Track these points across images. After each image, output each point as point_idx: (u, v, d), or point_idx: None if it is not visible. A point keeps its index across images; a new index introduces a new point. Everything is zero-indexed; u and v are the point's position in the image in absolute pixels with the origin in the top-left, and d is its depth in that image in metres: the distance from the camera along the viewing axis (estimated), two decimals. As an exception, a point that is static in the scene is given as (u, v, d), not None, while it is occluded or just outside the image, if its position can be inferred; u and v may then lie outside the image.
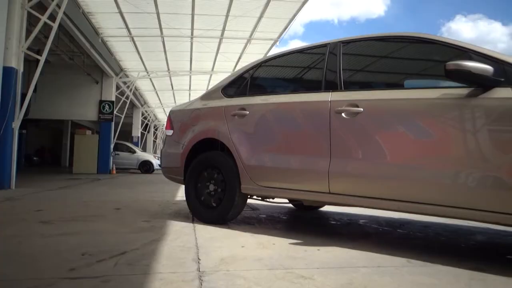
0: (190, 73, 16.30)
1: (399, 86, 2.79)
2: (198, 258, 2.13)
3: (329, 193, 2.62)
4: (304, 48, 3.33)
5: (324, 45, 2.99)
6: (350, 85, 2.78)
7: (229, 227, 3.09)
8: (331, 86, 2.76)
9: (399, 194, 2.34)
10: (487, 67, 2.08)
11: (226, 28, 11.57)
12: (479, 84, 2.12)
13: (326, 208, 4.47)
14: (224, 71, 14.58)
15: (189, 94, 20.68)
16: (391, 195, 2.37)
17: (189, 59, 14.59)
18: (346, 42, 2.89)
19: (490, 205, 2.03)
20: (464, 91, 2.18)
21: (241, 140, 3.16)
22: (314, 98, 2.82)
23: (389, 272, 1.93)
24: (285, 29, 11.76)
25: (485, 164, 2.06)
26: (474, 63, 2.09)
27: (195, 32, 11.92)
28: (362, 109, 2.52)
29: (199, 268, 1.94)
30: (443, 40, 2.43)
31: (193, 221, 3.33)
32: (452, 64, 2.11)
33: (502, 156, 2.01)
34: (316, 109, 2.76)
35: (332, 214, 4.17)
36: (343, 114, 2.59)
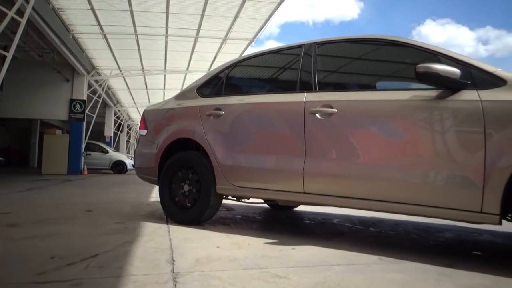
0: (165, 72, 16.09)
1: (371, 87, 2.86)
2: (173, 259, 2.10)
3: (304, 193, 2.65)
4: (279, 49, 3.35)
5: (299, 46, 3.02)
6: (325, 86, 2.82)
7: (204, 228, 3.07)
8: (306, 87, 2.79)
9: (372, 193, 2.39)
10: (455, 70, 2.16)
11: (202, 28, 11.49)
12: (447, 86, 2.20)
13: (301, 208, 4.52)
14: (200, 70, 14.48)
15: (164, 94, 20.40)
16: (364, 194, 2.42)
17: (164, 58, 14.40)
18: (320, 44, 2.93)
19: (457, 203, 2.10)
20: (434, 93, 2.25)
21: (216, 140, 3.14)
22: (289, 98, 2.84)
23: (362, 270, 1.97)
24: (260, 29, 11.80)
25: (452, 163, 2.14)
26: (443, 66, 2.16)
27: (170, 31, 11.78)
28: (336, 110, 2.56)
29: (173, 270, 1.91)
30: (414, 43, 2.51)
31: (167, 222, 3.29)
32: (422, 66, 2.17)
33: (468, 155, 2.09)
34: (291, 110, 2.78)
35: (306, 214, 4.21)
36: (317, 115, 2.62)
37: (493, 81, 2.12)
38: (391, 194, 2.33)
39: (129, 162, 16.59)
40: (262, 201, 3.80)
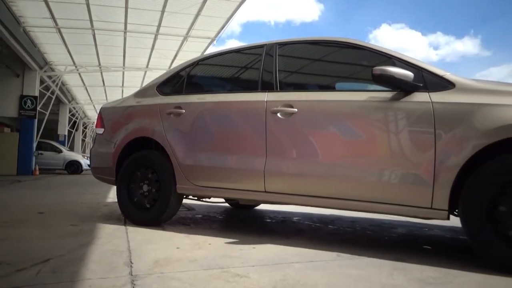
0: (123, 69, 15.61)
1: (331, 88, 2.94)
2: (131, 262, 2.04)
3: (265, 191, 2.67)
4: (241, 48, 3.35)
5: (261, 46, 3.04)
6: (286, 86, 2.86)
7: (163, 229, 3.02)
8: (267, 87, 2.82)
9: (331, 191, 2.46)
10: (408, 73, 2.26)
11: (162, 24, 11.26)
12: (401, 88, 2.30)
13: (262, 207, 4.55)
14: (160, 68, 14.20)
15: (122, 91, 19.79)
16: (323, 192, 2.48)
17: (122, 55, 13.97)
18: (282, 44, 2.97)
19: (410, 200, 2.21)
20: (389, 94, 2.35)
21: (176, 139, 3.09)
22: (251, 98, 2.85)
23: (321, 266, 2.01)
24: (222, 28, 11.75)
25: (406, 162, 2.24)
26: (397, 69, 2.26)
27: (129, 27, 11.44)
28: (296, 110, 2.60)
29: (131, 272, 1.86)
30: (371, 46, 2.60)
31: (125, 224, 3.20)
32: (378, 69, 2.26)
33: (420, 155, 2.20)
34: (253, 109, 2.79)
35: (267, 212, 4.25)
36: (278, 114, 2.65)
37: (443, 84, 2.25)
38: (349, 192, 2.40)
39: (84, 162, 15.96)
40: (223, 200, 3.79)
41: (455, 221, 2.26)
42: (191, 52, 12.66)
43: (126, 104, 3.63)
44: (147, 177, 3.19)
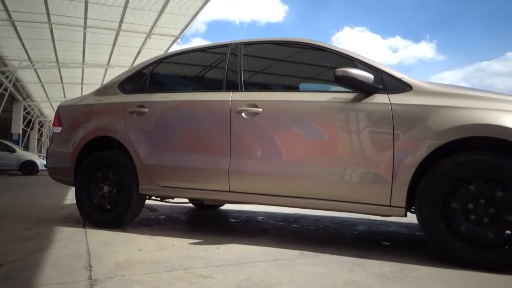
0: (83, 65, 15.06)
1: (295, 88, 2.98)
2: (90, 265, 1.97)
3: (229, 191, 2.66)
4: (206, 47, 3.32)
5: (225, 45, 3.03)
6: (250, 86, 2.87)
7: (125, 231, 2.94)
8: (232, 86, 2.81)
9: (295, 190, 2.49)
10: (369, 75, 2.34)
11: (124, 21, 10.98)
12: (362, 90, 2.37)
13: (226, 207, 4.54)
14: (122, 65, 13.82)
15: (82, 89, 19.10)
16: (287, 192, 2.51)
17: (82, 51, 13.48)
18: (247, 44, 2.97)
19: (370, 198, 2.29)
20: (350, 95, 2.41)
21: (139, 138, 3.02)
22: (215, 97, 2.83)
23: (284, 265, 2.04)
24: (187, 26, 11.62)
25: (366, 161, 2.31)
26: (358, 71, 2.33)
27: (89, 22, 11.06)
28: (261, 110, 2.61)
29: (90, 276, 1.80)
30: (334, 48, 2.66)
31: (84, 226, 3.08)
32: (340, 70, 2.32)
33: (380, 154, 2.28)
34: (217, 109, 2.78)
35: (232, 212, 4.24)
36: (243, 114, 2.65)
37: (401, 86, 2.34)
38: (312, 191, 2.45)
39: (40, 162, 15.21)
40: (187, 200, 3.75)
41: (411, 218, 2.36)
42: (155, 50, 12.43)
43: (86, 102, 3.50)
44: (108, 177, 3.10)
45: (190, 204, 4.27)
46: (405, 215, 2.24)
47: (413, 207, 2.26)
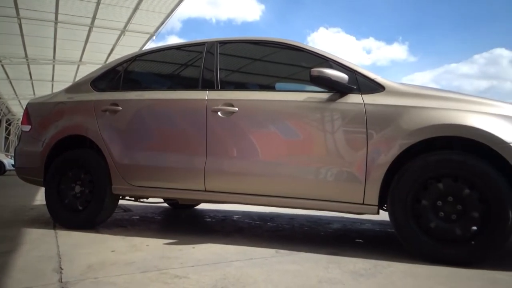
0: (54, 62, 14.60)
1: (271, 88, 2.99)
2: (61, 268, 1.92)
3: (205, 191, 2.65)
4: (181, 45, 3.29)
5: (201, 44, 3.01)
6: (226, 85, 2.86)
7: (98, 232, 2.87)
8: (208, 85, 2.80)
9: (270, 189, 2.51)
10: (343, 76, 2.37)
11: (98, 17, 10.71)
12: (337, 90, 2.41)
13: (202, 206, 4.51)
14: (95, 62, 13.49)
15: (52, 86, 18.50)
16: (263, 191, 2.52)
17: (53, 47, 13.06)
18: (223, 42, 2.96)
19: (344, 197, 2.33)
20: (325, 95, 2.45)
21: (112, 137, 2.96)
22: (191, 96, 2.81)
23: (260, 263, 2.04)
24: (162, 23, 11.47)
25: (341, 160, 2.35)
26: (333, 71, 2.36)
27: (61, 17, 10.73)
28: (237, 109, 2.61)
29: (61, 279, 1.75)
30: (310, 48, 2.68)
31: (55, 228, 2.99)
32: (316, 70, 2.35)
33: (353, 153, 2.32)
34: (193, 107, 2.76)
35: (207, 212, 4.22)
36: (219, 113, 2.64)
37: (374, 86, 2.39)
38: (288, 190, 2.46)
39: (8, 161, 14.65)
40: (162, 200, 3.70)
41: (384, 216, 2.42)
42: (129, 47, 12.20)
43: (57, 99, 3.40)
44: (79, 177, 3.02)
45: (165, 204, 4.22)
46: (378, 213, 2.30)
47: (385, 205, 2.32)
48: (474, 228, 2.06)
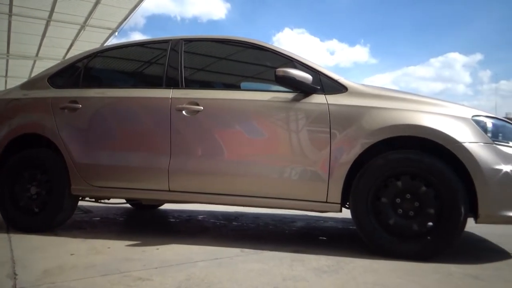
0: (7, 56, 13.84)
1: (236, 87, 2.99)
2: (15, 273, 1.82)
3: (169, 191, 2.61)
4: (145, 42, 3.23)
5: (166, 41, 2.95)
6: (191, 83, 2.83)
7: (56, 234, 2.75)
8: (172, 83, 2.75)
9: (235, 189, 2.51)
10: (308, 76, 2.41)
11: (56, 10, 10.26)
12: (302, 90, 2.45)
13: (166, 206, 4.43)
14: (52, 58, 12.93)
15: (6, 82, 17.54)
16: (228, 190, 2.52)
17: (6, 40, 12.37)
18: (188, 40, 2.92)
19: (309, 195, 2.37)
20: (290, 95, 2.47)
21: (71, 136, 2.84)
22: (155, 94, 2.76)
23: (225, 263, 2.04)
24: (125, 19, 11.17)
25: (305, 160, 2.39)
26: (298, 72, 2.40)
27: (15, 10, 10.18)
28: (202, 108, 2.59)
29: (15, 285, 1.67)
30: (275, 48, 2.71)
31: (8, 231, 2.83)
32: (281, 70, 2.37)
33: (317, 153, 2.36)
34: (157, 106, 2.71)
35: (171, 212, 4.16)
36: (183, 112, 2.61)
37: (337, 87, 2.45)
38: (253, 189, 2.47)
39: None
40: (124, 201, 3.61)
41: (346, 213, 2.48)
42: (90, 43, 11.78)
43: (11, 96, 3.22)
44: (35, 178, 2.87)
45: (127, 205, 4.11)
46: (340, 211, 2.36)
47: (348, 203, 2.38)
48: (430, 223, 2.16)
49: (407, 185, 2.19)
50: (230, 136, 2.59)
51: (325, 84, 2.47)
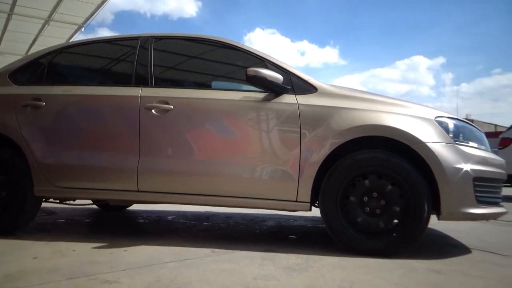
0: (-36, 50, 13.11)
1: (207, 86, 2.97)
2: (-28, 279, 1.73)
3: (138, 191, 2.56)
4: (113, 39, 3.14)
5: (135, 38, 2.89)
6: (161, 82, 2.79)
7: (17, 238, 2.63)
8: (142, 82, 2.70)
9: (206, 189, 2.49)
10: (279, 76, 2.43)
11: (18, 3, 9.82)
12: (272, 90, 2.46)
13: (135, 207, 4.35)
14: (14, 53, 12.38)
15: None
16: (198, 190, 2.50)
17: (-37, 33, 11.73)
18: (158, 38, 2.88)
19: (279, 194, 2.39)
20: (261, 95, 2.49)
21: (34, 135, 2.73)
22: (123, 92, 2.69)
23: (195, 264, 2.02)
24: (92, 14, 10.83)
25: (275, 159, 2.41)
26: (269, 71, 2.41)
27: (-27, 1, 9.67)
28: (172, 107, 2.55)
29: (-28, 291, 1.58)
30: (246, 48, 2.71)
31: (-35, 234, 2.69)
32: (252, 70, 2.38)
33: (288, 152, 2.39)
34: (125, 105, 2.65)
35: (140, 213, 4.08)
36: (153, 111, 2.57)
37: (307, 87, 2.48)
38: (224, 188, 2.47)
39: None
40: (90, 202, 3.51)
41: (315, 212, 2.52)
42: (55, 38, 11.35)
43: (-32, 92, 3.05)
44: (-5, 178, 2.74)
45: (94, 206, 4.00)
46: (310, 210, 2.39)
47: (317, 202, 2.42)
48: (396, 221, 2.23)
49: (374, 184, 2.25)
50: (201, 136, 2.57)
51: (296, 84, 2.49)
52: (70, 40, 11.34)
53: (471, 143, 2.35)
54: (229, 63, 2.95)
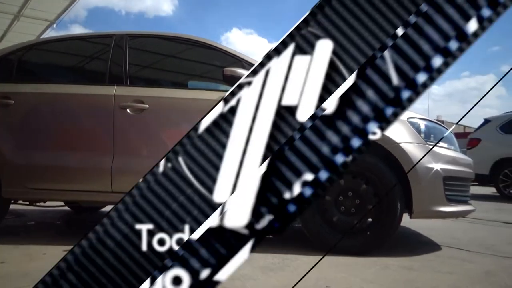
0: None
1: (183, 85, 2.95)
2: None
3: (112, 192, 2.51)
4: (87, 36, 3.09)
5: (109, 36, 2.84)
6: (136, 81, 2.75)
7: (-17, 241, 2.53)
8: (116, 80, 2.65)
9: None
10: (255, 76, 2.43)
11: (-16, -3, 9.42)
12: (249, 90, 2.46)
13: (108, 208, 4.26)
14: (-19, 49, 11.84)
15: None
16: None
17: None
18: (133, 36, 2.83)
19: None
20: (238, 95, 2.48)
21: (2, 134, 2.64)
22: (97, 91, 2.64)
23: (171, 265, 2.00)
24: (64, 10, 10.52)
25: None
26: (246, 71, 2.41)
27: None
28: (147, 106, 2.52)
29: None
30: (223, 48, 2.71)
31: None
32: (229, 70, 2.38)
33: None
34: (99, 104, 2.59)
35: (116, 214, 4.00)
36: (128, 110, 2.52)
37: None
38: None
39: None
40: (62, 203, 3.41)
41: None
42: (24, 34, 10.94)
43: None
44: (-41, 180, 2.63)
45: (66, 208, 3.89)
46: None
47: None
48: (370, 220, 2.28)
49: (349, 184, 2.29)
50: (177, 135, 2.52)
51: (272, 84, 2.50)
52: (41, 37, 10.98)
53: (441, 144, 2.43)
54: (206, 62, 2.94)
